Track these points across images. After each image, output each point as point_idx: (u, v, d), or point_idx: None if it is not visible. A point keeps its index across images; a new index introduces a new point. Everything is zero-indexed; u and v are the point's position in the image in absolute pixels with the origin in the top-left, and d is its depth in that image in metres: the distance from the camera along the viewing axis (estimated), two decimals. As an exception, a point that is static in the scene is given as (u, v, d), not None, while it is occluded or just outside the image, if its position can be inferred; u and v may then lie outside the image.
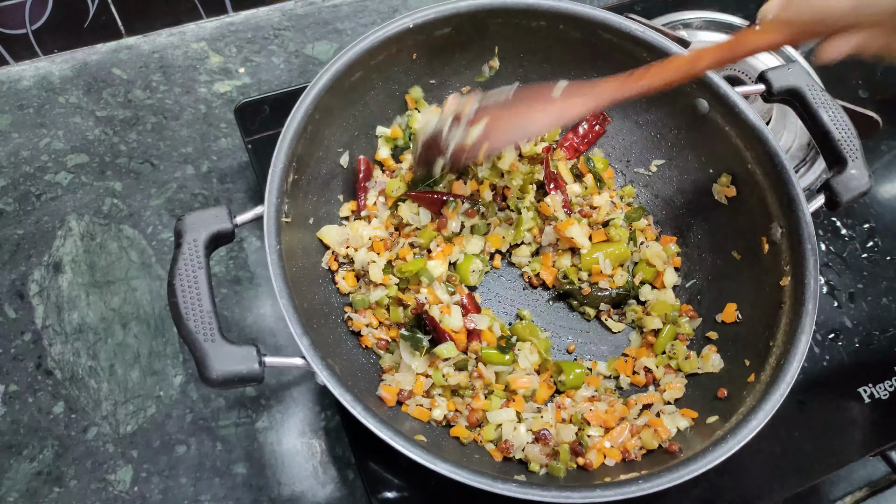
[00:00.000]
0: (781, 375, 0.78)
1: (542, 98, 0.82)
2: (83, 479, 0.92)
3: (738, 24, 1.31)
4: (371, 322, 0.93)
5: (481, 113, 0.82)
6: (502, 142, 0.83)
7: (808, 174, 1.17)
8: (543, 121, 0.81)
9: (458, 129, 0.83)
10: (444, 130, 0.85)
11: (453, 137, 0.83)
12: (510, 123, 0.81)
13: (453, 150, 0.84)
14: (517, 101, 0.82)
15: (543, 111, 0.80)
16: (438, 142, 0.85)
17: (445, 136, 0.84)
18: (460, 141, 0.83)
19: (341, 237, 0.95)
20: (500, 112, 0.82)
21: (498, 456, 0.85)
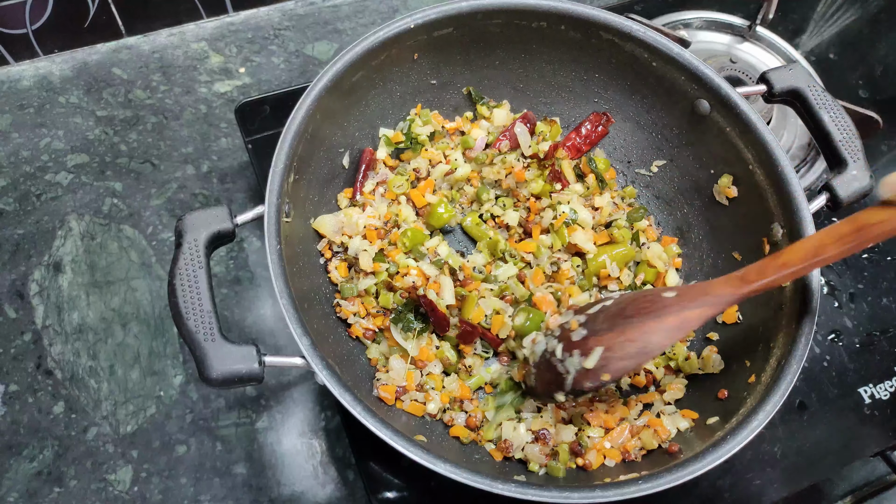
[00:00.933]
0: (782, 376, 0.78)
1: (652, 311, 0.75)
2: (83, 479, 0.92)
3: (738, 24, 1.31)
4: (359, 311, 0.93)
5: (593, 341, 0.76)
6: (624, 369, 0.75)
7: (808, 174, 1.17)
8: (661, 340, 0.74)
9: (572, 357, 0.77)
10: (556, 354, 0.79)
11: (571, 367, 0.77)
12: (627, 349, 0.74)
13: (573, 380, 0.77)
14: (627, 321, 0.75)
15: (658, 329, 0.73)
16: (555, 367, 0.79)
17: (560, 363, 0.79)
18: (578, 369, 0.77)
19: (336, 226, 0.95)
20: (613, 337, 0.75)
21: (498, 456, 0.85)
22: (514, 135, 1.05)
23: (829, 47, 1.35)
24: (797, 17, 1.39)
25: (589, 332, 0.78)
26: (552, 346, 0.81)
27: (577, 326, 0.79)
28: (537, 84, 1.08)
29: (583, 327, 0.79)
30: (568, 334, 0.80)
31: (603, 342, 0.76)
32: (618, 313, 0.77)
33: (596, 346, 0.76)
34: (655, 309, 0.75)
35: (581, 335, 0.78)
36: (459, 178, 1.02)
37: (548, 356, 0.82)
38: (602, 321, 0.78)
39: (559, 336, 0.82)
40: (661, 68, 0.98)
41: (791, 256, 0.71)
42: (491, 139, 1.07)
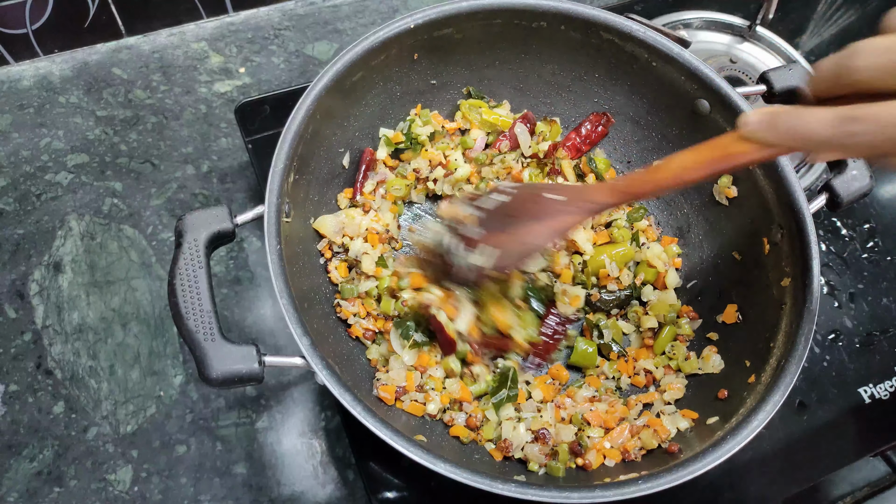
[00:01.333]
0: (782, 376, 0.78)
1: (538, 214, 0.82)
2: (83, 479, 0.92)
3: (739, 24, 1.31)
4: (359, 312, 0.93)
5: (485, 240, 0.83)
6: (507, 266, 0.83)
7: (808, 174, 1.17)
8: (538, 241, 0.81)
9: (461, 253, 0.84)
10: (449, 248, 0.85)
11: (460, 260, 0.84)
12: (512, 249, 0.82)
13: (458, 272, 0.85)
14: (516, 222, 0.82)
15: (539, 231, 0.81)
16: (443, 258, 0.86)
17: (450, 254, 0.85)
18: (465, 264, 0.84)
19: (337, 226, 0.95)
20: (504, 239, 0.82)
21: (498, 455, 0.85)
22: (514, 135, 1.05)
23: (829, 47, 1.35)
24: (797, 17, 1.39)
25: (485, 230, 0.83)
26: (448, 241, 0.86)
27: (473, 222, 0.84)
28: (537, 84, 1.08)
29: (478, 224, 0.84)
30: (464, 230, 0.85)
31: (494, 242, 0.83)
32: (509, 213, 0.83)
33: (488, 245, 0.82)
34: (538, 211, 0.82)
35: (477, 233, 0.83)
36: (459, 178, 1.02)
37: (442, 250, 0.87)
38: (496, 220, 0.84)
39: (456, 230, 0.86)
40: (661, 68, 0.98)
41: (657, 173, 0.76)
42: (491, 139, 1.07)
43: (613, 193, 0.79)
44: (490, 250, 0.82)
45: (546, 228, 0.81)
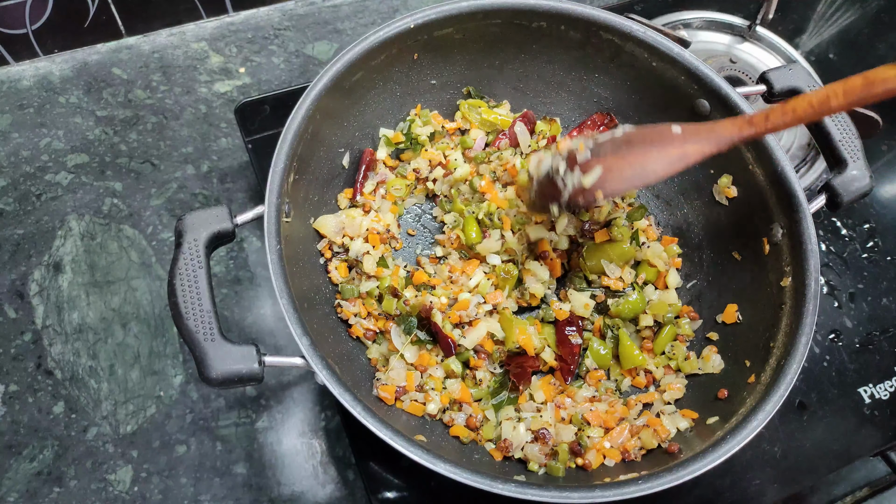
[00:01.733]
0: (782, 376, 0.78)
1: (657, 142, 0.79)
2: (83, 479, 0.92)
3: (738, 24, 1.31)
4: (360, 312, 0.93)
5: (595, 161, 0.80)
6: (618, 189, 0.80)
7: (808, 174, 1.17)
8: (659, 167, 0.78)
9: (572, 174, 0.81)
10: (560, 171, 0.83)
11: (570, 182, 0.81)
12: (625, 172, 0.79)
13: (570, 195, 0.82)
14: (631, 148, 0.80)
15: (659, 158, 0.78)
16: (554, 183, 0.84)
17: (561, 178, 0.83)
18: (576, 186, 0.81)
19: (337, 226, 0.95)
20: (615, 160, 0.79)
21: (498, 455, 0.85)
22: (514, 134, 1.05)
23: (829, 47, 1.35)
24: (797, 17, 1.39)
25: (593, 154, 0.81)
26: (556, 163, 0.84)
27: (584, 149, 0.82)
28: (537, 84, 1.08)
29: (589, 150, 0.81)
30: (574, 155, 0.82)
31: (604, 163, 0.80)
32: (624, 141, 0.80)
33: (596, 165, 0.80)
34: (661, 139, 0.79)
35: (585, 157, 0.81)
36: (459, 178, 1.02)
37: (551, 173, 0.85)
38: (608, 147, 0.81)
39: (566, 156, 0.84)
40: (661, 68, 0.98)
41: (798, 103, 0.72)
42: (490, 139, 1.07)
43: (746, 126, 0.75)
44: (599, 170, 0.79)
45: (666, 155, 0.78)
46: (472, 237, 0.97)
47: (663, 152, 0.78)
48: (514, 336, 0.90)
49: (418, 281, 0.95)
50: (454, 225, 1.01)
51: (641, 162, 0.78)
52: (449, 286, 0.95)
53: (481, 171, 1.03)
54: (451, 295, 0.93)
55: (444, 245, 1.01)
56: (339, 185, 1.00)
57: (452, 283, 0.96)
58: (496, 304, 0.93)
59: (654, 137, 0.79)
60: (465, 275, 0.96)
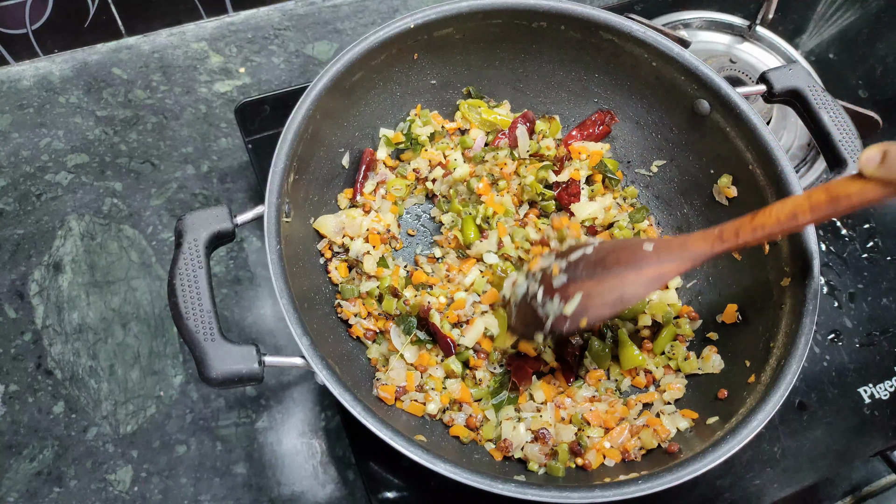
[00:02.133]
0: (782, 376, 0.78)
1: (632, 262, 0.78)
2: (83, 479, 0.92)
3: (738, 24, 1.31)
4: (360, 312, 0.93)
5: (573, 286, 0.79)
6: (601, 316, 0.79)
7: (808, 174, 1.17)
8: (639, 291, 0.78)
9: (552, 303, 0.80)
10: (538, 299, 0.82)
11: (551, 311, 0.80)
12: (605, 297, 0.78)
13: (552, 324, 0.80)
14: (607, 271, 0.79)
15: (636, 280, 0.77)
16: (535, 310, 0.82)
17: (541, 307, 0.81)
18: (558, 314, 0.79)
19: (337, 226, 0.95)
20: (593, 285, 0.78)
21: (498, 455, 0.85)
22: (515, 136, 1.05)
23: (829, 47, 1.35)
24: (797, 17, 1.39)
25: (569, 279, 0.80)
26: (533, 289, 0.83)
27: (559, 272, 0.81)
28: (537, 84, 1.08)
29: (563, 273, 0.81)
30: (549, 279, 0.82)
31: (583, 289, 0.79)
32: (598, 262, 0.80)
33: (576, 293, 0.79)
34: (634, 260, 0.78)
35: (562, 281, 0.80)
36: (458, 178, 1.02)
37: (528, 299, 0.84)
38: (583, 268, 0.80)
39: (540, 279, 0.83)
40: (661, 68, 0.98)
41: (766, 220, 0.73)
42: (490, 139, 1.07)
43: (717, 241, 0.76)
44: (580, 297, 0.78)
45: (644, 277, 0.77)
46: (471, 237, 0.97)
47: (640, 274, 0.78)
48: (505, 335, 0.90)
49: (417, 280, 0.95)
50: (452, 225, 1.01)
51: (620, 286, 0.78)
52: (446, 285, 0.95)
53: (479, 172, 1.03)
54: (449, 294, 0.93)
55: (443, 245, 1.01)
56: (339, 185, 1.00)
57: (449, 282, 0.96)
58: (492, 302, 0.93)
59: (628, 257, 0.79)
60: (462, 273, 0.96)
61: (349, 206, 1.00)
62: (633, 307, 0.95)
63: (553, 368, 0.94)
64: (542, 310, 0.81)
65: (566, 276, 0.81)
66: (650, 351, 0.95)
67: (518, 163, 1.03)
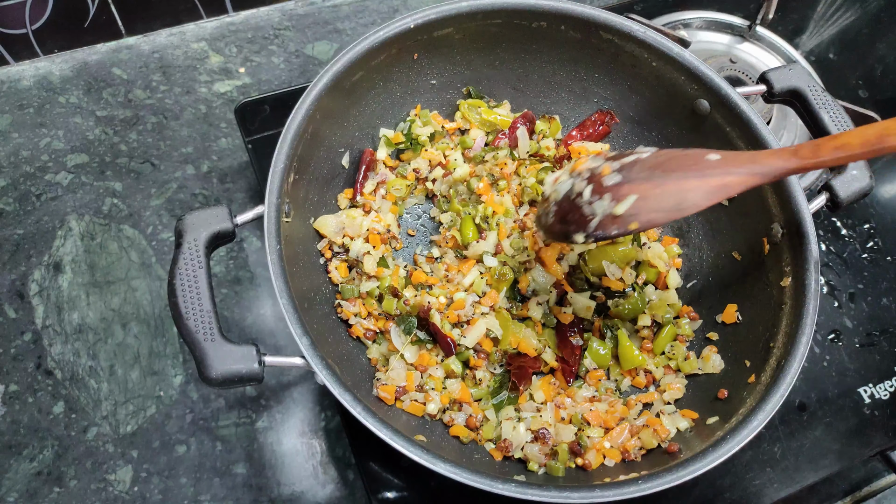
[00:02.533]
0: (782, 376, 0.78)
1: (694, 169, 0.72)
2: (83, 479, 0.92)
3: (738, 24, 1.31)
4: (360, 312, 0.93)
5: (627, 187, 0.73)
6: (655, 220, 0.73)
7: (808, 174, 1.17)
8: (700, 198, 0.71)
9: (601, 201, 0.74)
10: (585, 196, 0.75)
11: (599, 209, 0.74)
12: (662, 201, 0.72)
13: (599, 223, 0.74)
14: (667, 174, 0.73)
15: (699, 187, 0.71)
16: (577, 208, 0.75)
17: (587, 204, 0.75)
18: (607, 213, 0.73)
19: (338, 226, 0.95)
20: (649, 187, 0.72)
21: (498, 455, 0.85)
22: (515, 136, 1.05)
23: (829, 47, 1.35)
24: (797, 17, 1.39)
25: (624, 179, 0.74)
26: (580, 187, 0.77)
27: (611, 171, 0.75)
28: (537, 84, 1.08)
29: (617, 173, 0.75)
30: (599, 178, 0.75)
31: (638, 190, 0.73)
32: (657, 165, 0.74)
33: (630, 194, 0.72)
34: (699, 167, 0.73)
35: (615, 180, 0.74)
36: (458, 178, 1.02)
37: (572, 196, 0.77)
38: (639, 170, 0.74)
39: (588, 178, 0.77)
40: (661, 68, 0.98)
41: (850, 139, 0.68)
42: (490, 139, 1.07)
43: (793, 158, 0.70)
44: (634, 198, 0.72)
45: (706, 185, 0.71)
46: (469, 237, 0.97)
47: (703, 182, 0.71)
48: (509, 337, 0.90)
49: (417, 280, 0.95)
50: (450, 224, 1.01)
51: (680, 191, 0.72)
52: (445, 285, 0.95)
53: (479, 172, 1.04)
54: (448, 294, 0.93)
55: (441, 245, 1.01)
56: (339, 185, 1.00)
57: (449, 282, 0.96)
58: (492, 304, 0.93)
59: (690, 164, 0.73)
60: (461, 273, 0.96)
61: (349, 206, 1.00)
62: (633, 307, 0.95)
63: (553, 368, 0.94)
64: (589, 208, 0.74)
65: (620, 176, 0.74)
66: (650, 351, 0.95)
67: (518, 163, 1.04)
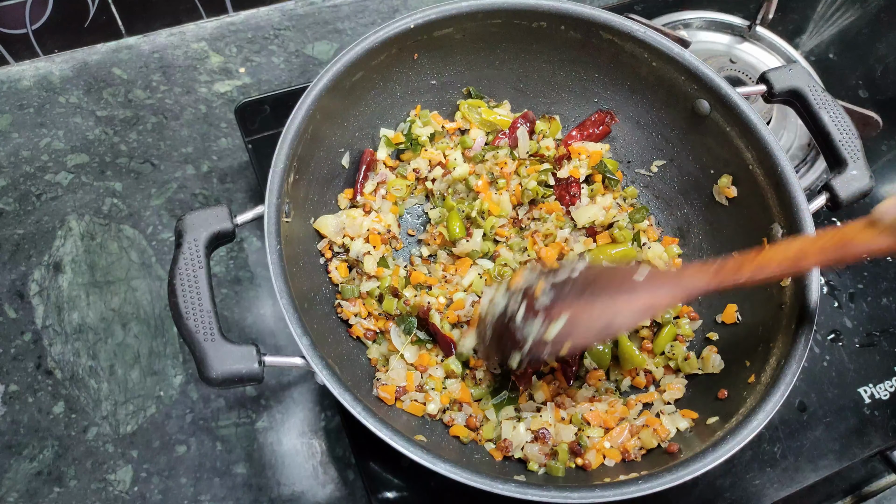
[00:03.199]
0: (782, 376, 0.78)
1: (622, 290, 0.74)
2: (83, 479, 0.92)
3: (738, 24, 1.31)
4: (360, 312, 0.93)
5: (559, 307, 0.74)
6: (586, 343, 0.75)
7: (808, 174, 1.17)
8: (628, 320, 0.73)
9: (534, 322, 0.74)
10: (517, 319, 0.76)
11: (531, 332, 0.74)
12: (593, 323, 0.73)
13: (532, 346, 0.75)
14: (596, 296, 0.74)
15: (626, 309, 0.73)
16: (512, 331, 0.76)
17: (520, 326, 0.75)
18: (539, 337, 0.74)
19: (338, 226, 0.95)
20: (580, 309, 0.73)
21: (498, 455, 0.85)
22: (516, 136, 1.05)
23: (829, 47, 1.35)
24: (797, 17, 1.39)
25: (555, 299, 0.75)
26: (513, 308, 0.77)
27: (543, 292, 0.76)
28: (537, 84, 1.08)
29: (548, 294, 0.75)
30: (532, 298, 0.76)
31: (569, 311, 0.74)
32: (587, 284, 0.75)
33: (561, 314, 0.74)
34: (626, 289, 0.74)
35: (547, 301, 0.75)
36: (457, 177, 1.02)
37: (506, 319, 0.78)
38: (570, 290, 0.75)
39: (522, 297, 0.77)
40: (661, 68, 0.98)
41: (769, 259, 0.71)
42: (490, 139, 1.07)
43: (715, 280, 0.72)
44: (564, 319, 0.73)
45: (634, 306, 0.73)
46: (456, 232, 0.97)
47: (630, 304, 0.73)
48: None
49: (416, 280, 0.95)
50: (438, 221, 1.01)
51: (609, 313, 0.73)
52: (444, 286, 0.96)
53: (478, 171, 1.04)
54: (448, 294, 0.93)
55: (430, 243, 1.01)
56: (339, 185, 1.00)
57: (447, 283, 0.96)
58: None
59: (618, 284, 0.75)
60: (459, 274, 0.96)
61: (349, 206, 1.00)
62: None
63: (553, 368, 0.94)
64: (522, 332, 0.75)
65: (552, 294, 0.75)
66: (650, 351, 0.95)
67: (518, 162, 1.04)
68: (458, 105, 1.08)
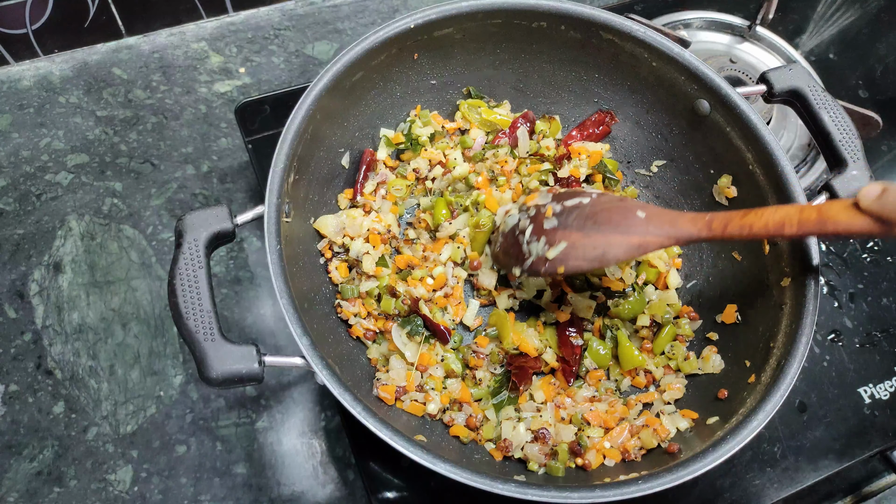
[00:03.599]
0: (782, 376, 0.78)
1: (621, 225, 0.80)
2: (83, 479, 0.92)
3: (738, 24, 1.31)
4: (360, 312, 0.93)
5: (560, 234, 0.82)
6: (578, 268, 0.82)
7: (808, 174, 1.17)
8: (620, 253, 0.80)
9: (537, 243, 0.84)
10: (525, 234, 0.86)
11: (534, 250, 0.84)
12: (587, 252, 0.81)
13: (531, 263, 0.85)
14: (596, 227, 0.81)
15: (620, 244, 0.80)
16: (519, 246, 0.86)
17: (526, 243, 0.85)
18: (539, 255, 0.83)
19: (338, 226, 0.96)
20: (579, 237, 0.81)
21: (498, 455, 0.85)
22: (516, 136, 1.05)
23: (829, 47, 1.35)
24: (797, 17, 1.39)
25: (559, 225, 0.83)
26: (524, 225, 0.87)
27: (551, 214, 0.85)
28: (537, 84, 1.08)
29: (556, 217, 0.84)
30: (541, 219, 0.85)
31: (569, 239, 0.82)
32: (590, 215, 0.82)
33: (561, 241, 0.82)
34: (624, 224, 0.81)
35: (552, 225, 0.84)
36: (457, 176, 1.02)
37: (517, 232, 0.88)
38: (574, 218, 0.83)
39: (532, 217, 0.87)
40: (661, 68, 0.98)
41: (755, 220, 0.75)
42: (490, 139, 1.07)
43: (705, 228, 0.77)
44: (564, 246, 0.82)
45: (627, 242, 0.80)
46: (440, 218, 0.98)
47: (625, 239, 0.80)
48: (509, 337, 0.90)
49: (404, 262, 0.96)
50: (427, 207, 1.02)
51: (603, 245, 0.80)
52: (424, 264, 0.97)
53: (478, 170, 1.04)
54: (429, 271, 0.95)
55: (416, 226, 1.02)
56: (339, 185, 1.00)
57: (426, 261, 0.97)
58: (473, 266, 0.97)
59: (620, 219, 0.81)
60: (436, 251, 0.98)
61: (349, 206, 1.00)
62: (633, 307, 0.95)
63: (553, 368, 0.94)
64: (527, 246, 0.85)
65: (557, 220, 0.84)
66: (650, 351, 0.95)
67: (519, 161, 1.04)
68: (458, 105, 1.08)
